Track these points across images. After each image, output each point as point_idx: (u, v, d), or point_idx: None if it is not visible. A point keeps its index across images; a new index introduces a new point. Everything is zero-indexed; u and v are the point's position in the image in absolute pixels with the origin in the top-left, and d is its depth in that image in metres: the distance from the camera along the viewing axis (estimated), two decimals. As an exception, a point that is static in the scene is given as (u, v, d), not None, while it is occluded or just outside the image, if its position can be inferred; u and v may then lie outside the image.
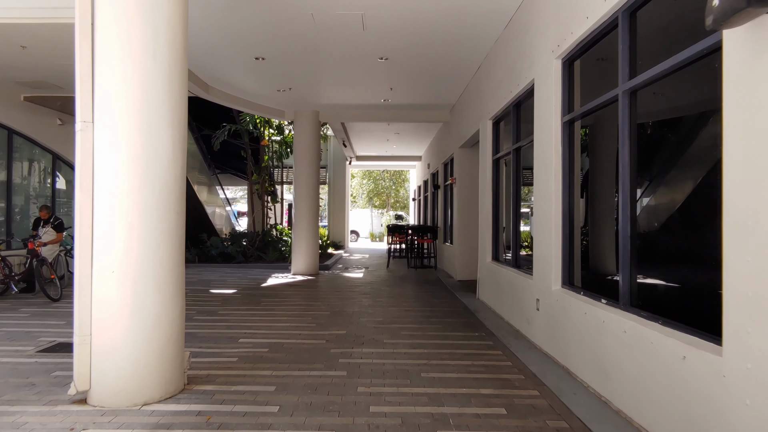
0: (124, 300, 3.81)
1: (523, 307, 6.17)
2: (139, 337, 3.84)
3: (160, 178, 3.94)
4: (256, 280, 11.40)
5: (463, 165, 11.59)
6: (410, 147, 19.30)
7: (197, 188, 15.75)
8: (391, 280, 11.78)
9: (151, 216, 3.89)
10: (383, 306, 8.24)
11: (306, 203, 12.74)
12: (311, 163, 12.76)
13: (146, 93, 3.88)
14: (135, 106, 3.85)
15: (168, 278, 3.97)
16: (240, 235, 15.45)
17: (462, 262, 11.53)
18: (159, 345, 3.92)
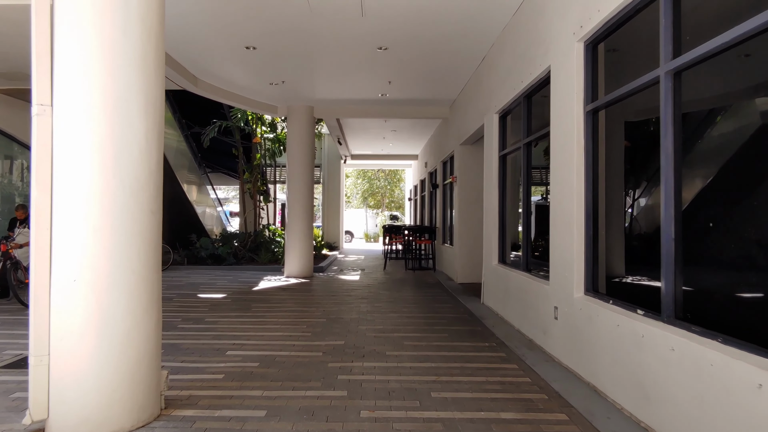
0: (89, 313, 3.26)
1: (538, 315, 5.66)
2: (107, 357, 3.29)
3: (131, 171, 3.39)
4: (247, 284, 10.83)
5: (465, 163, 11.09)
6: (407, 145, 18.79)
7: (186, 187, 15.16)
8: (389, 282, 11.25)
9: (120, 216, 3.35)
10: (383, 312, 7.71)
11: (299, 203, 12.19)
12: (305, 161, 12.21)
13: (114, 72, 3.33)
14: (101, 87, 3.30)
15: (141, 287, 3.42)
16: (231, 236, 14.87)
17: (463, 264, 11.02)
18: (130, 365, 3.37)
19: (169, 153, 13.90)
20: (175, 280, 11.23)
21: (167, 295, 9.10)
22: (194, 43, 8.04)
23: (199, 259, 14.05)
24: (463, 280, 11.00)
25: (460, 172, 11.10)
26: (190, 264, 14.12)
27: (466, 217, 11.03)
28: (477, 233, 10.89)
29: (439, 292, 9.80)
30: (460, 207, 11.05)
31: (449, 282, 11.22)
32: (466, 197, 11.04)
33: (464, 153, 11.08)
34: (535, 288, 5.83)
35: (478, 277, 10.91)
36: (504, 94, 7.28)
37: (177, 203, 15.64)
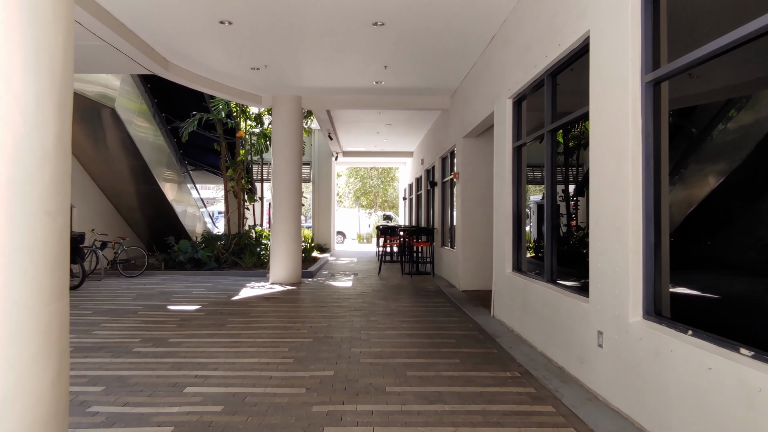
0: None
1: (572, 339, 4.62)
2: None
3: (11, 155, 2.29)
4: (227, 292, 9.71)
5: (468, 158, 10.04)
6: (402, 141, 17.73)
7: (164, 186, 14.00)
8: (384, 290, 10.18)
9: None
10: (379, 328, 6.64)
11: (286, 201, 11.08)
12: (292, 156, 11.10)
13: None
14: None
15: (28, 326, 2.32)
16: (213, 238, 13.74)
17: (466, 269, 9.97)
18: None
19: (145, 148, 12.75)
20: (147, 288, 10.09)
21: (132, 307, 7.97)
22: (160, 17, 6.92)
23: (178, 263, 12.91)
24: (467, 287, 9.96)
25: (462, 167, 10.05)
26: (168, 269, 12.97)
27: (470, 218, 9.98)
28: (482, 235, 9.85)
29: (441, 302, 8.74)
30: (463, 206, 10.01)
31: (451, 289, 10.16)
32: (470, 195, 9.99)
33: (467, 147, 10.03)
34: (567, 305, 4.78)
35: (484, 284, 9.88)
36: (521, 74, 6.23)
37: (154, 203, 14.50)
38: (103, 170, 13.13)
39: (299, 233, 11.34)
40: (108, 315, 7.40)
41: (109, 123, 11.77)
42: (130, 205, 14.49)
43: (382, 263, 13.90)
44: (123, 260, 12.18)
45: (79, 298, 8.91)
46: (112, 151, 12.76)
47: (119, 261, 12.11)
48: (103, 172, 13.17)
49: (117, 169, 13.24)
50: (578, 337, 4.48)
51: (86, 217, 12.81)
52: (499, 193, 7.22)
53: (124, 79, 11.87)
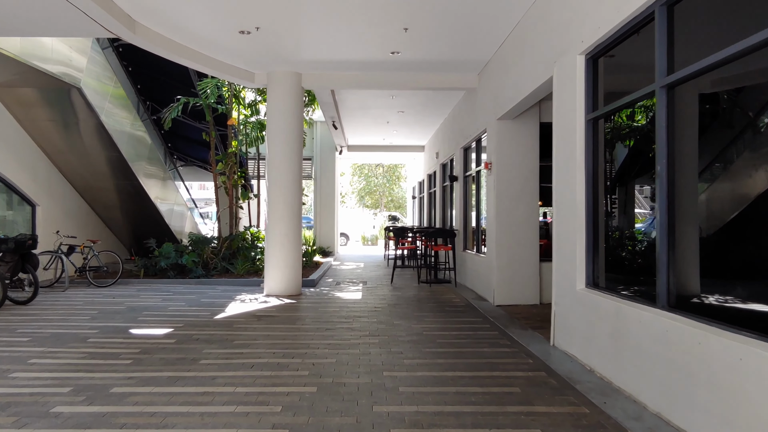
0: None
1: (736, 410, 2.85)
2: None
3: None
4: (211, 308, 7.95)
5: (504, 144, 8.28)
6: (414, 133, 15.96)
7: (146, 182, 12.25)
8: (402, 304, 8.41)
9: None
10: (407, 367, 4.88)
11: (284, 198, 9.32)
12: (291, 144, 9.35)
13: None
14: None
15: None
16: (201, 241, 11.99)
17: (502, 279, 8.21)
18: None
19: (121, 139, 11.02)
20: (114, 303, 8.34)
21: (84, 332, 6.21)
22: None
23: (159, 270, 11.15)
24: (503, 301, 8.19)
25: (496, 156, 8.29)
26: (148, 277, 11.22)
27: (506, 217, 8.22)
28: (520, 238, 8.11)
29: (477, 322, 6.97)
30: (498, 203, 8.24)
31: (482, 303, 8.40)
32: (507, 190, 8.23)
33: (503, 131, 8.27)
34: (719, 350, 3.01)
35: (523, 298, 8.12)
36: (607, 14, 4.47)
37: (135, 201, 12.75)
38: (74, 163, 11.39)
39: (299, 236, 9.57)
40: (47, 344, 5.64)
41: (81, 108, 10.02)
42: (106, 204, 12.75)
43: (394, 269, 12.10)
44: (93, 267, 10.43)
45: (22, 317, 7.16)
46: (85, 142, 11.02)
47: (89, 268, 10.35)
48: (73, 165, 11.43)
49: (91, 161, 11.50)
50: (754, 410, 2.71)
51: (53, 217, 11.08)
52: (563, 182, 5.45)
53: (92, 59, 10.12)
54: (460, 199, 11.44)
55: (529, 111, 8.18)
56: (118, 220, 13.54)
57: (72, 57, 9.43)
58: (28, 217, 10.70)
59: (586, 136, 5.06)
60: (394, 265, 12.10)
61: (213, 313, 7.51)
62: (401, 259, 14.54)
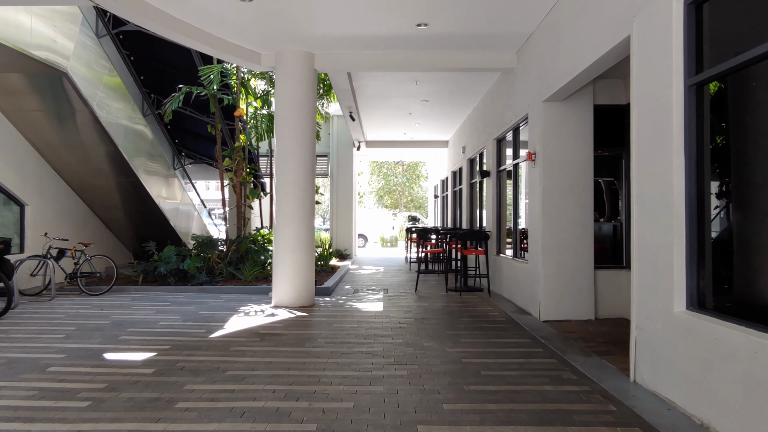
0: None
1: None
2: None
3: None
4: (209, 323, 6.83)
5: (551, 130, 7.00)
6: (437, 126, 14.71)
7: (147, 180, 11.23)
8: (431, 318, 7.19)
9: None
10: (447, 416, 3.66)
11: (294, 196, 8.17)
12: (302, 135, 8.19)
13: None
14: None
15: None
16: (206, 244, 10.90)
17: (549, 290, 6.93)
18: None
19: (117, 133, 10.00)
20: (99, 316, 7.28)
21: (50, 357, 5.12)
22: None
23: (160, 276, 10.09)
24: (551, 316, 6.92)
25: (543, 145, 7.02)
26: (147, 283, 10.18)
27: (555, 216, 6.95)
28: (573, 241, 6.85)
29: (525, 344, 5.71)
30: (545, 201, 6.97)
31: (525, 318, 7.13)
32: (555, 185, 6.96)
33: (551, 115, 6.99)
34: None
35: (576, 312, 6.86)
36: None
37: (135, 200, 11.76)
38: (68, 159, 10.40)
39: (311, 239, 8.41)
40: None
41: (71, 97, 9.02)
42: (105, 203, 11.76)
43: (419, 276, 10.85)
44: (85, 273, 9.42)
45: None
46: (79, 135, 10.03)
47: (80, 274, 9.34)
48: (67, 161, 10.45)
49: (86, 157, 10.51)
50: None
51: (45, 217, 10.12)
52: (649, 171, 4.18)
53: (81, 43, 9.09)
54: (492, 197, 10.17)
55: (580, 92, 6.91)
56: (119, 222, 12.56)
57: (56, 40, 8.41)
58: (17, 218, 9.73)
59: (687, 108, 3.78)
60: (418, 270, 10.83)
61: (209, 330, 6.37)
62: (424, 262, 13.31)
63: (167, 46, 11.88)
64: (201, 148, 15.90)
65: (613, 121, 7.35)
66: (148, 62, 13.06)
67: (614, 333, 6.23)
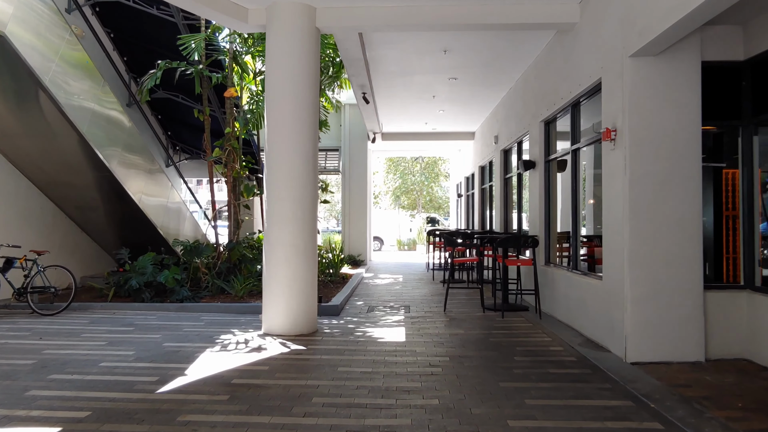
0: None
1: None
2: None
3: None
4: (168, 365, 4.99)
5: (643, 96, 5.04)
6: (465, 111, 12.73)
7: (123, 174, 9.43)
8: (472, 357, 5.25)
9: None
10: None
11: (291, 191, 6.30)
12: (301, 111, 6.32)
13: None
14: None
15: None
16: (192, 250, 9.08)
17: (642, 319, 4.95)
18: None
19: (80, 117, 8.24)
20: (36, 347, 5.48)
21: None
22: None
23: (132, 290, 8.29)
24: (643, 355, 4.93)
25: (629, 116, 5.04)
26: (118, 298, 8.43)
27: (648, 216, 4.98)
28: (674, 251, 4.87)
29: (626, 411, 3.74)
30: (632, 194, 4.99)
31: (602, 356, 5.16)
32: (648, 172, 4.99)
33: (643, 75, 5.02)
34: None
35: (679, 352, 4.92)
36: None
37: (113, 200, 10.00)
38: (28, 149, 8.68)
39: (314, 246, 6.51)
40: None
41: (21, 71, 7.28)
42: (78, 204, 10.03)
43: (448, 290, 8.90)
44: (37, 288, 7.67)
45: None
46: (39, 120, 8.29)
47: (31, 289, 7.59)
48: (27, 152, 8.72)
49: (49, 147, 8.78)
50: None
51: (2, 220, 8.40)
52: None
53: (27, 5, 7.32)
54: (538, 194, 8.19)
55: (683, 44, 4.94)
56: (97, 225, 10.81)
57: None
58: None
59: None
60: (446, 283, 8.79)
61: (162, 379, 4.51)
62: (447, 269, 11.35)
63: (154, 23, 10.13)
64: (198, 141, 14.14)
65: (726, 84, 5.34)
66: (132, 41, 11.34)
67: (749, 387, 4.23)
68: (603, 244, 5.64)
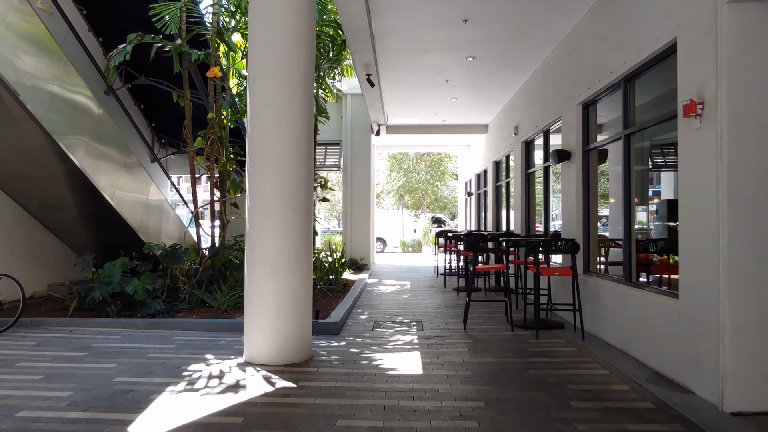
0: None
1: None
2: None
3: None
4: (113, 412, 3.73)
5: (748, 55, 3.75)
6: (479, 100, 11.47)
7: (90, 166, 8.17)
8: (510, 400, 3.99)
9: None
10: None
11: (278, 184, 5.03)
12: (292, 80, 5.05)
13: None
14: None
15: None
16: (170, 256, 7.81)
17: (748, 356, 3.68)
18: None
19: (37, 99, 6.99)
20: (-64, 390, 4.23)
21: None
22: None
23: (97, 302, 7.03)
24: (749, 403, 3.66)
25: (728, 84, 3.76)
26: (80, 312, 7.18)
27: (755, 215, 3.70)
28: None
29: None
30: (731, 186, 3.73)
31: (686, 399, 3.89)
32: (754, 156, 3.71)
33: (746, 26, 3.74)
34: None
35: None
36: None
37: (80, 196, 8.75)
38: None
39: (309, 253, 5.24)
40: None
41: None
42: (42, 201, 8.77)
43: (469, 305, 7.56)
44: (-23, 302, 6.43)
45: None
46: None
47: (-31, 304, 6.35)
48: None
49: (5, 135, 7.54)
50: None
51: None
52: None
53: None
54: (575, 188, 6.92)
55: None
56: (67, 225, 9.54)
57: None
58: None
59: None
60: (468, 299, 7.35)
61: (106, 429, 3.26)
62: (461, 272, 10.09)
63: None
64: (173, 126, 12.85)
65: None
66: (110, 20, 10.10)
67: None
68: (680, 252, 4.36)
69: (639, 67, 5.25)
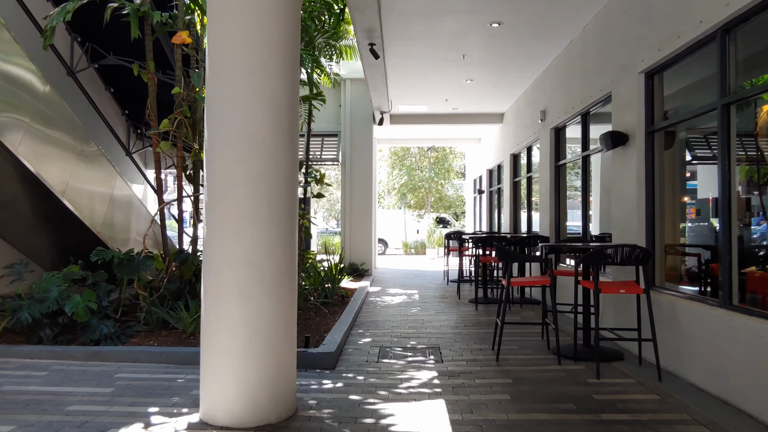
0: None
1: None
2: None
3: None
4: None
5: None
6: (498, 83, 9.98)
7: (34, 154, 6.67)
8: None
9: None
10: None
11: (248, 169, 3.53)
12: (274, 23, 3.55)
13: None
14: None
15: None
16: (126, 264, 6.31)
17: None
18: None
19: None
20: None
21: None
22: None
23: (25, 325, 5.52)
24: None
25: None
26: (12, 334, 5.68)
27: None
28: None
29: None
30: None
31: None
32: None
33: None
34: None
35: None
36: None
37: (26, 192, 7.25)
38: None
39: (291, 264, 3.74)
40: None
41: None
42: (-22, 197, 7.26)
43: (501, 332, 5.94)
44: None
45: None
46: None
47: None
48: None
49: None
50: None
51: None
52: None
53: None
54: (635, 180, 5.43)
55: None
56: (15, 227, 8.02)
57: None
58: None
59: None
60: (501, 323, 5.72)
61: None
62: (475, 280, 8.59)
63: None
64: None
65: None
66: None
67: None
68: None
69: (735, 19, 3.76)
